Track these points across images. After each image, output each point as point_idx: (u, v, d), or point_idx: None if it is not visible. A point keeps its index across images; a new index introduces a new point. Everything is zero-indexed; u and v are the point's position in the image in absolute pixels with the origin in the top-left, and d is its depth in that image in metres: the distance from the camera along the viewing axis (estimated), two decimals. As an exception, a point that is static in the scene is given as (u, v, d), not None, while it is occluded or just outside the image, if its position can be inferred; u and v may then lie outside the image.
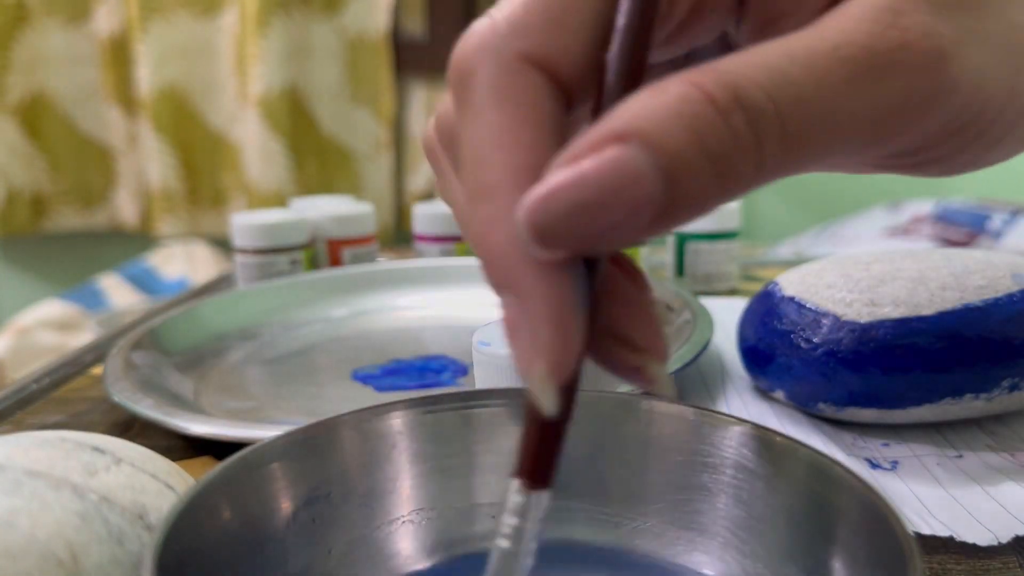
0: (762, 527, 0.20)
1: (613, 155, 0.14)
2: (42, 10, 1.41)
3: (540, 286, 0.15)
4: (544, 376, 0.16)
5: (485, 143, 0.17)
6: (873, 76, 0.16)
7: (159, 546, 0.16)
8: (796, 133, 0.15)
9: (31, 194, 1.47)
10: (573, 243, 0.15)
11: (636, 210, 0.14)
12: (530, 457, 0.17)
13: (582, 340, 0.16)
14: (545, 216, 0.14)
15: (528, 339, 0.16)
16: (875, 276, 0.34)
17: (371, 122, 1.44)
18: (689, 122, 0.14)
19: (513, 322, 0.16)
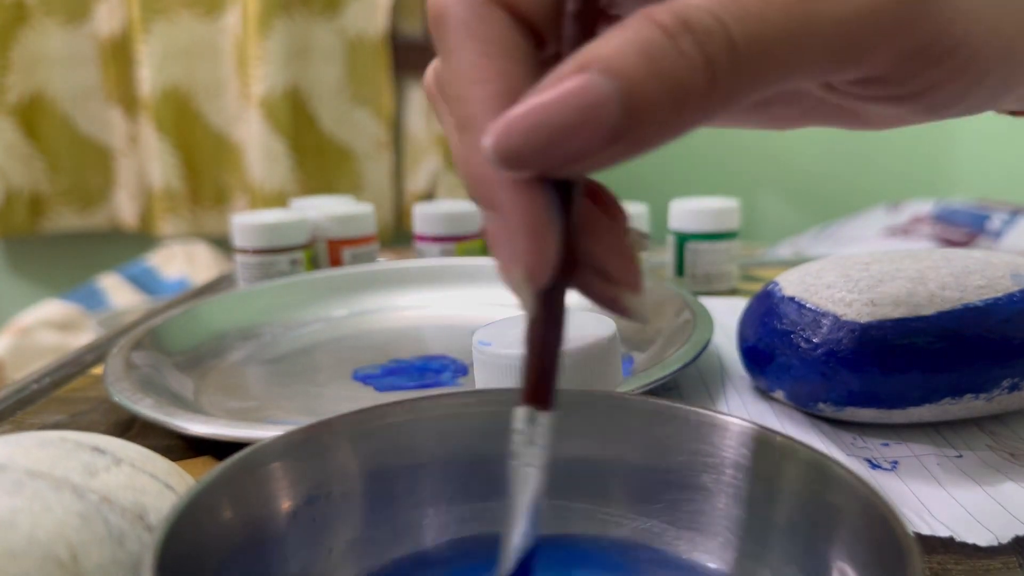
0: (762, 527, 0.20)
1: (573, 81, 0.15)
2: (41, 10, 1.41)
3: (516, 201, 0.17)
4: (522, 279, 0.17)
5: (462, 78, 0.18)
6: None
7: (159, 546, 0.16)
8: (747, 51, 0.16)
9: (30, 194, 1.47)
10: (536, 164, 0.16)
11: (596, 129, 0.15)
12: (530, 380, 0.18)
13: (556, 250, 0.17)
14: (508, 139, 0.16)
15: (507, 248, 0.17)
16: (875, 276, 0.34)
17: (371, 122, 1.44)
18: (641, 47, 0.16)
19: (494, 235, 0.18)
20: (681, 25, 0.16)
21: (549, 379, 0.18)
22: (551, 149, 0.16)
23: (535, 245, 0.17)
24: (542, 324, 0.18)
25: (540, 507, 0.18)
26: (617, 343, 0.28)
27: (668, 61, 0.15)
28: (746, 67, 0.16)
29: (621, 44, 0.16)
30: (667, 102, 0.16)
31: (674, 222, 0.61)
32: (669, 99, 0.16)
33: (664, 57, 0.15)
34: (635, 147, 0.16)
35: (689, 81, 0.16)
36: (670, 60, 0.15)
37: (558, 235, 0.17)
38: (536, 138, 0.16)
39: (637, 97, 0.15)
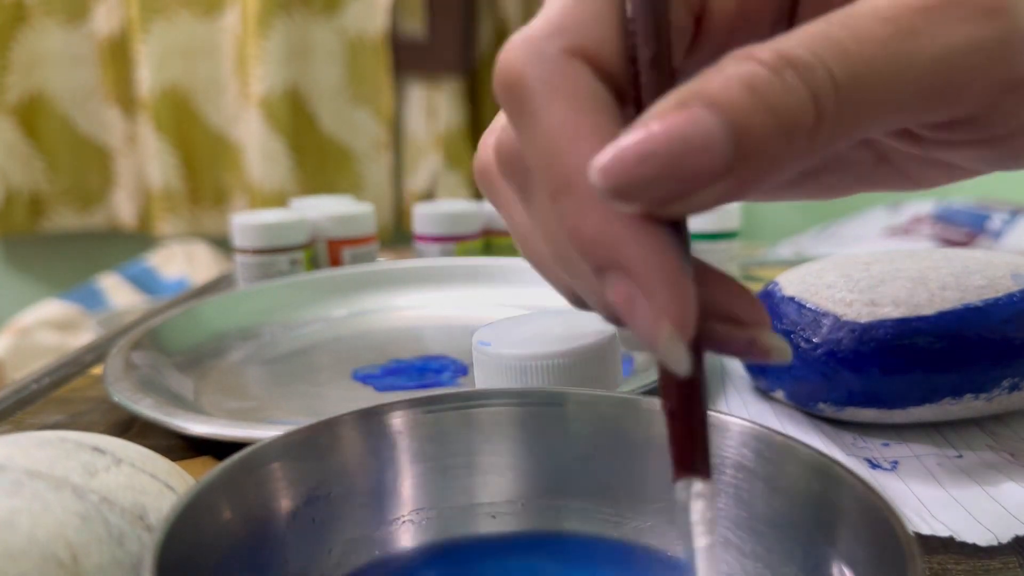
0: (762, 527, 0.20)
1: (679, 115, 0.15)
2: (41, 10, 1.41)
3: (646, 253, 0.16)
4: (673, 335, 0.16)
5: (555, 139, 0.17)
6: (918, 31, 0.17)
7: (159, 547, 0.16)
8: (849, 88, 0.16)
9: (29, 194, 1.47)
10: (647, 196, 0.15)
11: (707, 164, 0.15)
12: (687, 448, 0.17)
13: (696, 300, 0.16)
14: (620, 166, 0.15)
15: (647, 307, 0.16)
16: (875, 276, 0.34)
17: (371, 122, 1.44)
18: (747, 82, 0.15)
19: (626, 298, 0.16)
20: (783, 60, 0.16)
21: (706, 443, 0.17)
22: (662, 181, 0.15)
23: (677, 294, 0.16)
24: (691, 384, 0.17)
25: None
26: (617, 343, 0.28)
27: (774, 94, 0.15)
28: (849, 104, 0.16)
29: (723, 79, 0.15)
30: (775, 135, 0.15)
31: (674, 222, 0.61)
32: (777, 132, 0.15)
33: (770, 90, 0.15)
34: (744, 183, 0.16)
35: (797, 113, 0.15)
36: (776, 93, 0.15)
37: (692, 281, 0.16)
38: (648, 168, 0.15)
39: (744, 129, 0.15)
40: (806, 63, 0.16)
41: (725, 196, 0.16)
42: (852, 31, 0.16)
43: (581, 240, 0.17)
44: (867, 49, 0.16)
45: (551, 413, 0.23)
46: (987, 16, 0.17)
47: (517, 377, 0.27)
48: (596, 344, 0.27)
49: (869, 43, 0.16)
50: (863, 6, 0.17)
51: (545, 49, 0.18)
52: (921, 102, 0.17)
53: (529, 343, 0.27)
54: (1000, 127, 0.19)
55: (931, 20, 0.17)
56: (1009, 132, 0.19)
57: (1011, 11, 0.17)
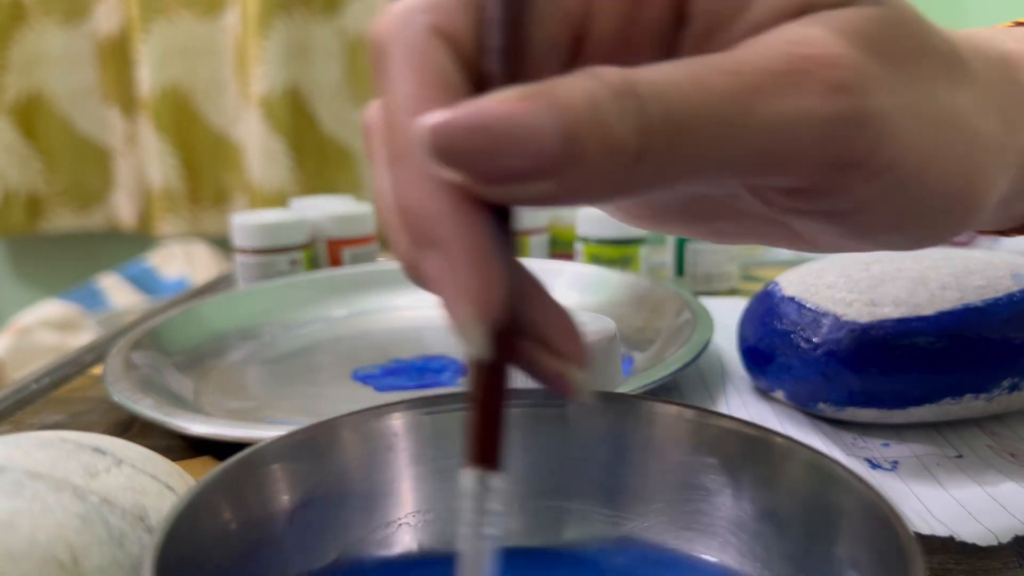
0: (762, 527, 0.20)
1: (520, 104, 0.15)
2: (39, 9, 1.41)
3: (459, 235, 0.16)
4: (471, 318, 0.16)
5: (399, 108, 0.18)
6: (762, 92, 0.17)
7: (158, 549, 0.16)
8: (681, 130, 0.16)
9: (27, 195, 1.47)
10: (469, 167, 0.16)
11: (533, 156, 0.15)
12: (478, 439, 0.17)
13: (503, 287, 0.16)
14: (448, 130, 0.15)
15: (452, 285, 0.16)
16: (875, 276, 0.34)
17: (371, 122, 1.43)
18: (588, 95, 0.16)
19: (438, 276, 0.17)
20: (627, 87, 0.16)
21: (498, 436, 0.17)
22: (487, 157, 0.15)
23: (483, 278, 0.16)
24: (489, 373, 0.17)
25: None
26: (617, 343, 0.28)
27: (609, 115, 0.16)
28: (677, 146, 0.16)
29: (570, 86, 0.16)
30: (600, 154, 0.16)
31: (674, 222, 0.61)
32: (602, 151, 0.16)
33: (606, 110, 0.16)
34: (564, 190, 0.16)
35: (624, 140, 0.16)
36: (611, 115, 0.16)
37: (504, 270, 0.17)
38: (475, 139, 0.15)
39: (574, 137, 0.15)
40: (645, 95, 0.16)
41: (547, 197, 0.16)
42: (698, 77, 0.17)
43: (405, 210, 0.17)
44: (706, 97, 0.16)
45: (550, 414, 0.23)
46: (831, 92, 0.17)
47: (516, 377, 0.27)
48: (596, 344, 0.27)
49: (709, 92, 0.17)
50: (722, 57, 0.17)
51: (412, 20, 0.18)
52: (751, 163, 0.17)
53: (529, 343, 0.27)
54: (838, 203, 0.19)
55: (776, 84, 0.17)
56: (848, 210, 0.19)
57: (859, 90, 0.17)
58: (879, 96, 0.18)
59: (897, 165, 0.18)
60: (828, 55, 0.17)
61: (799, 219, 0.21)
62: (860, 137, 0.18)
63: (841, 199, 0.19)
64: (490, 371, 0.17)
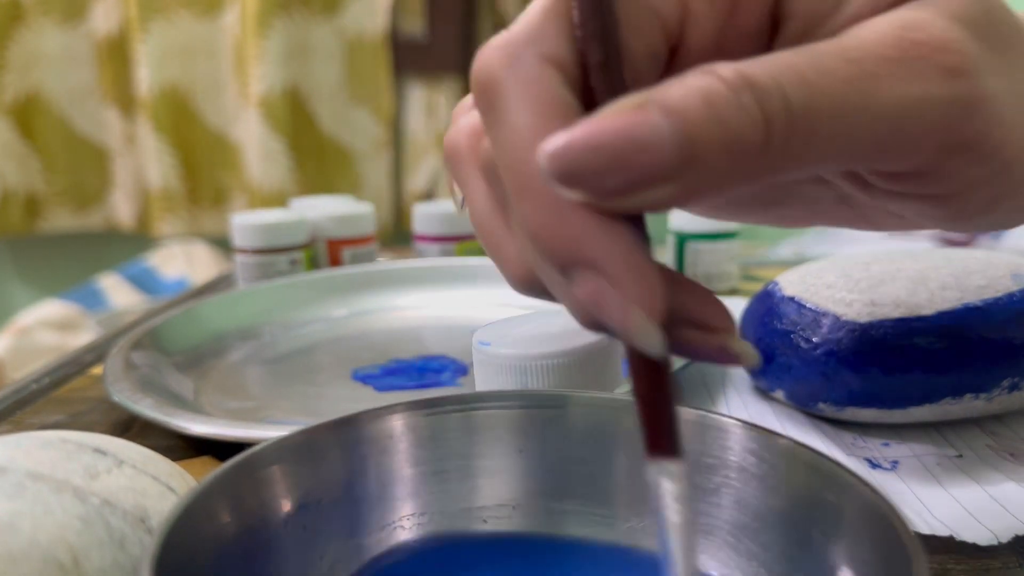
0: (762, 528, 0.20)
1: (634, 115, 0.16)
2: (38, 9, 1.41)
3: (609, 245, 0.16)
4: (644, 319, 0.16)
5: (520, 142, 0.18)
6: (879, 77, 0.17)
7: (156, 552, 0.16)
8: (803, 119, 0.16)
9: (26, 195, 1.47)
10: (590, 186, 0.16)
11: (653, 165, 0.15)
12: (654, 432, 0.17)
13: (664, 286, 0.17)
14: (567, 153, 0.16)
15: (616, 297, 0.16)
16: (875, 276, 0.34)
17: (371, 122, 1.44)
18: (703, 93, 0.16)
19: (595, 292, 0.17)
20: (743, 80, 0.16)
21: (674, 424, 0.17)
22: (606, 173, 0.16)
23: (645, 281, 0.16)
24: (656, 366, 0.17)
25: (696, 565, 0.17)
26: (617, 343, 0.28)
27: (728, 110, 0.16)
28: (799, 134, 0.16)
29: (683, 88, 0.16)
30: (722, 152, 0.16)
31: (674, 222, 0.61)
32: (724, 149, 0.16)
33: (725, 106, 0.16)
34: (689, 190, 0.16)
35: (746, 134, 0.16)
36: (730, 111, 0.16)
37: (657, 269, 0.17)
38: (594, 157, 0.16)
39: (694, 139, 0.15)
40: (764, 87, 0.16)
41: (670, 200, 0.16)
42: (816, 65, 0.17)
43: (544, 241, 0.17)
44: (826, 84, 0.17)
45: (549, 416, 0.23)
46: (947, 76, 0.17)
47: (517, 377, 0.27)
48: (596, 344, 0.27)
49: (829, 78, 0.17)
50: (832, 44, 0.17)
51: (521, 54, 0.18)
52: (870, 147, 0.18)
53: (529, 343, 0.27)
54: (945, 186, 0.19)
55: (892, 70, 0.17)
56: (953, 192, 0.20)
57: (972, 74, 0.18)
58: (988, 80, 0.18)
59: (1003, 147, 0.19)
60: (941, 39, 0.17)
61: (899, 202, 0.21)
62: (972, 121, 0.18)
63: (949, 182, 0.19)
64: (657, 363, 0.17)
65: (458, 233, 0.64)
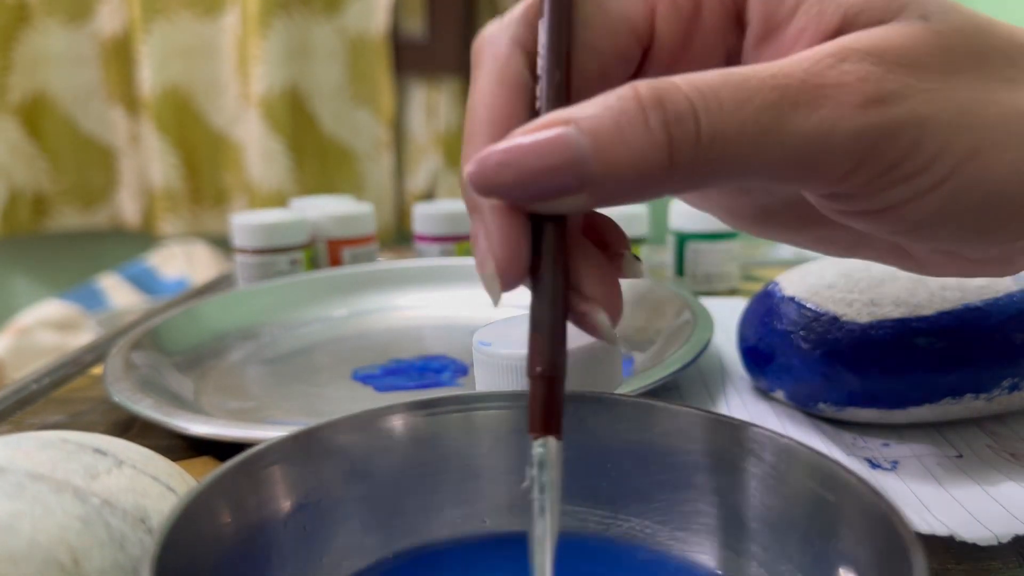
0: (762, 528, 0.20)
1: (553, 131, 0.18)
2: (43, 10, 1.41)
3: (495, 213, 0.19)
4: (493, 273, 0.19)
5: (476, 101, 0.22)
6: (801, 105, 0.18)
7: (156, 553, 0.16)
8: (710, 143, 0.18)
9: (32, 194, 1.47)
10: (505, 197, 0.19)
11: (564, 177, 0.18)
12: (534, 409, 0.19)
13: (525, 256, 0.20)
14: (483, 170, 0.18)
15: (483, 246, 0.20)
16: (875, 276, 0.34)
17: (371, 122, 1.43)
18: (616, 114, 0.18)
19: (475, 235, 0.20)
20: (656, 102, 0.18)
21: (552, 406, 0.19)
22: (519, 187, 0.18)
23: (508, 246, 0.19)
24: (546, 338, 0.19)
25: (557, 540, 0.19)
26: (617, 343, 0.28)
27: (634, 133, 0.17)
28: (706, 157, 0.18)
29: (600, 108, 0.18)
30: (629, 169, 0.18)
31: (674, 222, 0.61)
32: (631, 167, 0.18)
33: (632, 128, 0.17)
34: (599, 200, 0.18)
35: (650, 155, 0.18)
36: (637, 133, 0.17)
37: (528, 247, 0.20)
38: (505, 175, 0.18)
39: (604, 157, 0.17)
40: (678, 109, 0.18)
41: (581, 207, 0.18)
42: (738, 89, 0.18)
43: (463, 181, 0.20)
44: (741, 111, 0.18)
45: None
46: (867, 105, 0.18)
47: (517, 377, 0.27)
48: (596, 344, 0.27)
49: (747, 106, 0.18)
50: (765, 67, 0.19)
51: (501, 34, 0.22)
52: (783, 169, 0.19)
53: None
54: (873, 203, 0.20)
55: (814, 96, 0.18)
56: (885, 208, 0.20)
57: (891, 102, 0.18)
58: (913, 106, 0.19)
59: (935, 166, 0.19)
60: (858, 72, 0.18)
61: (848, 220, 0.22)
62: (891, 145, 0.19)
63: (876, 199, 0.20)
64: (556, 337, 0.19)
65: (458, 233, 0.64)
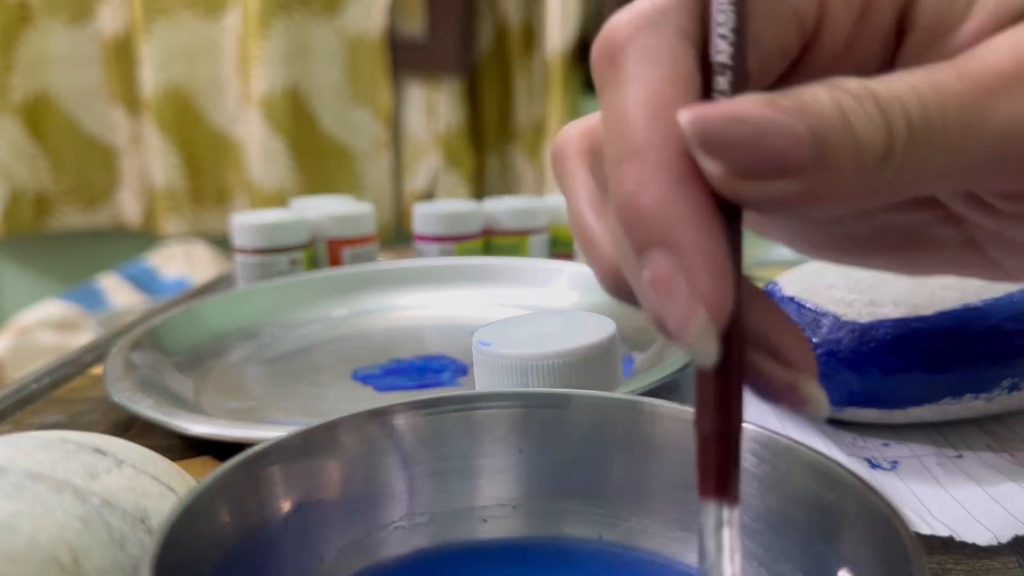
0: (762, 528, 0.20)
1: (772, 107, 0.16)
2: (45, 10, 1.41)
3: (697, 236, 0.16)
4: (706, 324, 0.16)
5: (641, 105, 0.17)
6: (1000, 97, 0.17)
7: (156, 553, 0.16)
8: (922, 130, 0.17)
9: (35, 193, 1.48)
10: (731, 157, 0.16)
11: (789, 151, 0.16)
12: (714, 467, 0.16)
13: (735, 293, 0.16)
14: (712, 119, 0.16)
15: (683, 287, 0.16)
16: (875, 276, 0.34)
17: (371, 122, 1.44)
18: (834, 100, 0.16)
19: (666, 278, 0.16)
20: (868, 93, 0.16)
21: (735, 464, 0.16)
22: (747, 148, 0.16)
23: (719, 283, 0.16)
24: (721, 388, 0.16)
25: None
26: (617, 343, 0.28)
27: (856, 117, 0.16)
28: (918, 146, 0.17)
29: (815, 92, 0.16)
30: (848, 156, 0.16)
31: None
32: (851, 154, 0.16)
33: (853, 113, 0.16)
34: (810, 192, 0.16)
35: (872, 139, 0.16)
36: (858, 117, 0.16)
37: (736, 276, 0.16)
38: (737, 130, 0.16)
39: (824, 139, 0.16)
40: (887, 100, 0.16)
41: (792, 197, 0.16)
42: (932, 82, 0.17)
43: (635, 209, 0.16)
44: (943, 99, 0.17)
45: (549, 415, 0.23)
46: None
47: (517, 377, 0.27)
48: (596, 344, 0.27)
49: (946, 95, 0.17)
50: (953, 64, 0.18)
51: (660, 21, 0.18)
52: (985, 164, 0.18)
53: (529, 343, 0.27)
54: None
55: (1008, 86, 0.17)
56: None
57: None
58: None
59: None
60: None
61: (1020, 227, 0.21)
62: None
63: None
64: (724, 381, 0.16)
65: (458, 233, 0.64)
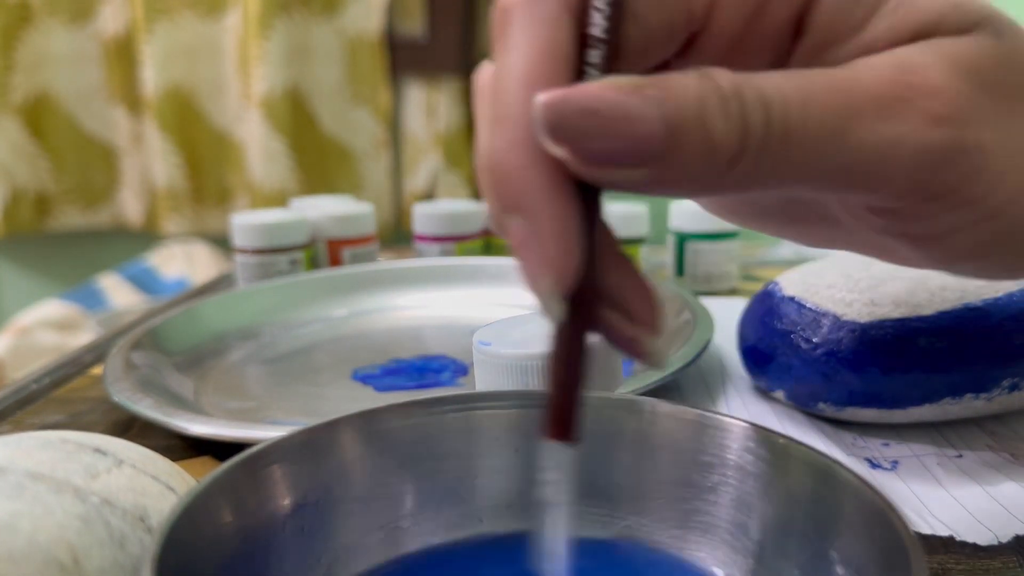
0: (761, 527, 0.20)
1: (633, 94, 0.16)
2: (46, 10, 1.41)
3: (548, 206, 0.17)
4: (551, 286, 0.17)
5: (514, 74, 0.18)
6: (863, 118, 0.17)
7: (157, 552, 0.16)
8: (779, 139, 0.17)
9: (35, 193, 1.48)
10: (576, 145, 0.16)
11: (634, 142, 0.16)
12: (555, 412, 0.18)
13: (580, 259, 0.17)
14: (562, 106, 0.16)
15: (535, 253, 0.17)
16: (875, 276, 0.34)
17: (370, 122, 1.44)
18: (699, 93, 0.17)
19: (522, 240, 0.17)
20: (734, 92, 0.17)
21: (575, 410, 0.18)
22: (593, 138, 0.16)
23: (564, 252, 0.17)
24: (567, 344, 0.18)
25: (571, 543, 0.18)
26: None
27: (713, 116, 0.16)
28: (773, 154, 0.17)
29: (680, 84, 0.17)
30: (698, 152, 0.17)
31: (674, 222, 0.61)
32: (700, 149, 0.17)
33: (712, 111, 0.17)
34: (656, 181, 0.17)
35: (724, 141, 0.17)
36: (715, 116, 0.17)
37: (584, 243, 0.17)
38: (585, 120, 0.16)
39: (677, 132, 0.16)
40: (751, 98, 0.17)
41: (639, 184, 0.17)
42: (802, 86, 0.17)
43: (500, 173, 0.17)
44: (807, 105, 0.17)
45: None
46: (930, 122, 0.18)
47: (517, 377, 0.27)
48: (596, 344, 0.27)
49: (811, 101, 0.17)
50: (831, 73, 0.18)
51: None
52: (842, 179, 0.18)
53: (529, 343, 0.27)
54: (924, 227, 0.20)
55: (877, 108, 0.18)
56: (933, 234, 0.20)
57: (958, 123, 0.18)
58: (980, 131, 0.18)
59: (989, 196, 0.19)
60: (932, 86, 0.18)
61: (885, 238, 0.21)
62: (953, 169, 0.18)
63: (928, 224, 0.19)
64: (569, 339, 0.18)
65: (458, 233, 0.64)
